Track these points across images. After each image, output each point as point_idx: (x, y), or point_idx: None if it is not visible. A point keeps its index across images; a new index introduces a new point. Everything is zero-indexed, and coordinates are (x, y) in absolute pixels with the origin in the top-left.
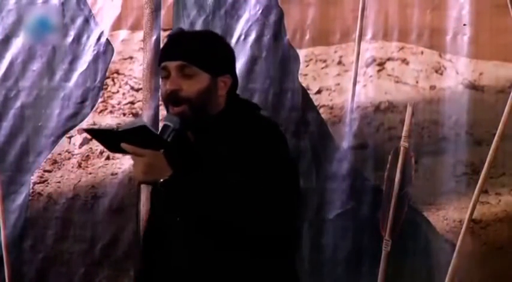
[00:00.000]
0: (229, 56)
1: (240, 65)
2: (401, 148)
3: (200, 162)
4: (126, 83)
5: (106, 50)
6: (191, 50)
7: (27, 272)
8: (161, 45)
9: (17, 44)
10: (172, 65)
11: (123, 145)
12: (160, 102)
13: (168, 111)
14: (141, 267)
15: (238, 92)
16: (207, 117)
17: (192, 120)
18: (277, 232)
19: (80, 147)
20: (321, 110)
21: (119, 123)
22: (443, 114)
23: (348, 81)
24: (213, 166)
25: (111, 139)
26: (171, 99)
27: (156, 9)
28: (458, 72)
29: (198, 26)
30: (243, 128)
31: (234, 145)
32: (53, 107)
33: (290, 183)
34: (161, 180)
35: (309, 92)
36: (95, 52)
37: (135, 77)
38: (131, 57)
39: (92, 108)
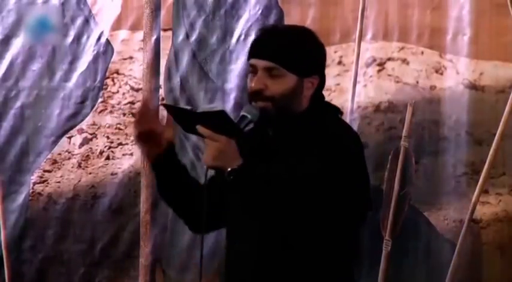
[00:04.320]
0: (319, 56)
1: (240, 65)
2: (402, 148)
3: (273, 157)
4: (126, 83)
5: (106, 50)
6: (280, 51)
7: (27, 272)
8: (160, 45)
9: (17, 44)
10: (260, 64)
11: (199, 127)
12: (160, 103)
13: (250, 103)
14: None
15: (239, 92)
16: (289, 116)
17: (273, 117)
18: (340, 237)
19: (79, 147)
20: None
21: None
22: (444, 114)
23: (348, 81)
24: (285, 163)
25: (187, 119)
26: (255, 97)
27: (156, 9)
28: (458, 72)
29: (198, 26)
30: (322, 131)
31: (311, 146)
32: (53, 107)
33: (361, 191)
34: (229, 168)
35: None
36: (95, 52)
37: (135, 77)
38: (131, 57)
39: (92, 108)
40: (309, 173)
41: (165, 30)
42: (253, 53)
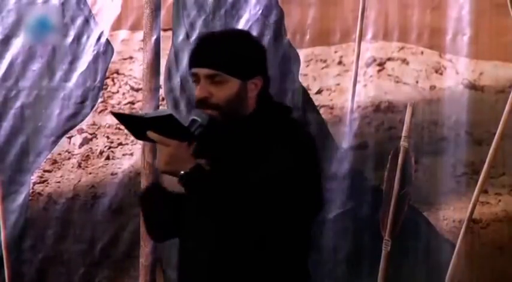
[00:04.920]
0: (260, 57)
1: None
2: (401, 148)
3: (225, 160)
4: (126, 83)
5: (106, 50)
6: (219, 58)
7: (27, 272)
8: (161, 45)
9: (17, 44)
10: (201, 72)
11: (150, 133)
12: (160, 103)
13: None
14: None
15: None
16: (237, 120)
17: (221, 122)
18: (292, 234)
19: (79, 147)
20: (321, 110)
21: (146, 113)
22: (443, 114)
23: (348, 81)
24: (237, 165)
25: (137, 126)
26: (202, 105)
27: (156, 9)
28: (458, 72)
29: (198, 26)
30: (272, 131)
31: (261, 147)
32: (53, 107)
33: (314, 189)
34: (182, 172)
35: (309, 92)
36: (95, 52)
37: (135, 77)
38: (131, 57)
39: (91, 108)
40: (262, 175)
41: (165, 30)
42: (194, 61)
